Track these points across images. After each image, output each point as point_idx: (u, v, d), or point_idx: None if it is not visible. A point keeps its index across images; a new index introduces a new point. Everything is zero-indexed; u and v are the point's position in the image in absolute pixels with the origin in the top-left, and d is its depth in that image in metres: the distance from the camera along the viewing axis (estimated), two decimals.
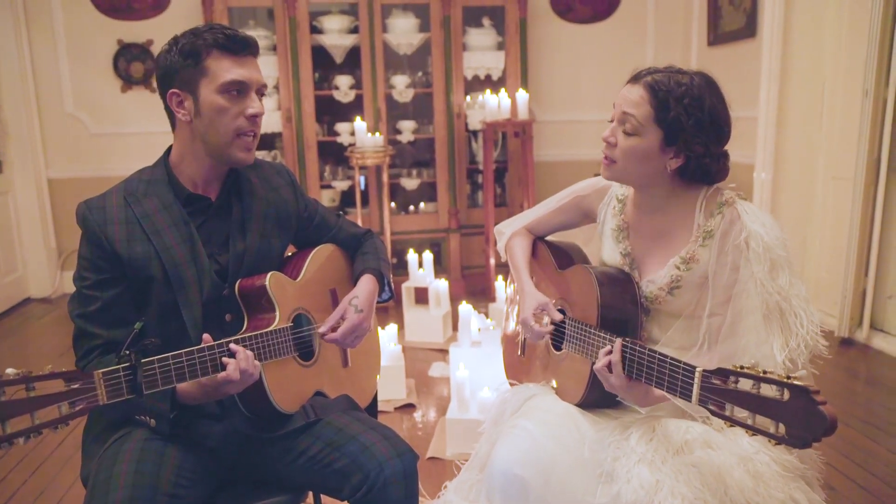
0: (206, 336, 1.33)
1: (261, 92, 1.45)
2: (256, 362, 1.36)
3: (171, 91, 1.41)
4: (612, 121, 1.46)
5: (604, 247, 1.65)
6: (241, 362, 1.32)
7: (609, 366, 1.36)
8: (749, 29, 4.26)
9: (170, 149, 1.50)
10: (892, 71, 3.40)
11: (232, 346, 1.34)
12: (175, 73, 1.40)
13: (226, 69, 1.39)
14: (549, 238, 1.84)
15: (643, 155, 1.42)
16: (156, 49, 4.79)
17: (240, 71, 1.40)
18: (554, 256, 1.76)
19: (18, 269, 4.83)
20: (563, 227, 1.80)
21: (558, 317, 1.60)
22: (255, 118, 1.42)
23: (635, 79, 1.44)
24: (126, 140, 4.88)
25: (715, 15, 4.67)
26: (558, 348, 1.63)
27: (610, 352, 1.37)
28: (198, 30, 1.41)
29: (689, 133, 1.39)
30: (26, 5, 4.69)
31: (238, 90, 1.40)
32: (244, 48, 1.41)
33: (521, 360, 1.82)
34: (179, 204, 1.45)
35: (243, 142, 1.43)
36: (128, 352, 1.20)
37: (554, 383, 1.63)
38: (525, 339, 1.80)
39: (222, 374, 1.31)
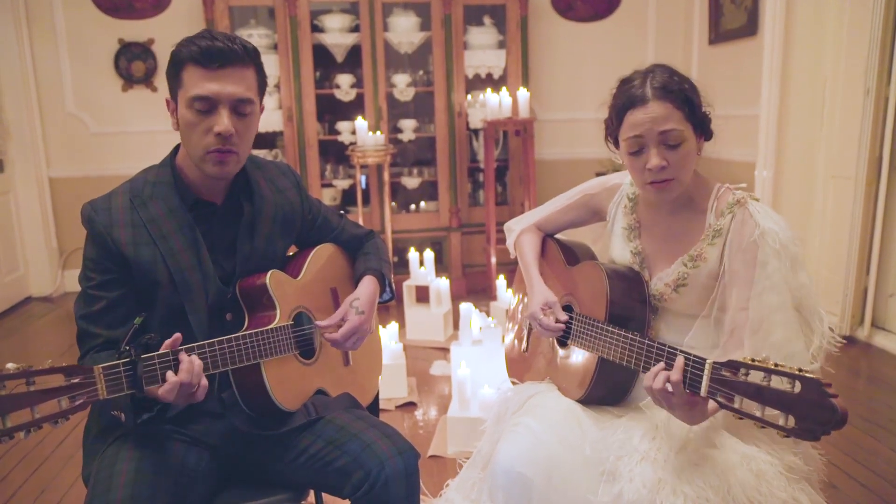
0: (176, 335, 1.27)
1: (238, 108, 1.37)
2: (202, 374, 1.28)
3: (167, 97, 1.43)
4: (636, 151, 1.40)
5: (613, 245, 1.65)
6: (182, 375, 1.25)
7: (669, 384, 1.22)
8: (750, 27, 4.25)
9: (177, 148, 1.49)
10: (893, 69, 3.40)
11: (181, 355, 1.26)
12: (167, 80, 1.42)
13: (194, 83, 1.34)
14: (558, 236, 1.85)
15: (692, 154, 1.42)
16: (157, 48, 4.80)
17: (210, 86, 1.33)
18: (563, 253, 1.76)
19: (20, 268, 4.83)
20: (573, 225, 1.81)
21: (564, 317, 1.60)
22: (221, 136, 1.35)
23: (641, 100, 1.38)
24: (127, 139, 4.88)
25: (716, 13, 4.66)
26: (563, 344, 1.63)
27: (664, 368, 1.25)
28: (187, 38, 1.38)
29: (698, 107, 1.41)
30: (27, 5, 4.69)
31: (204, 109, 1.34)
32: (219, 60, 1.33)
33: (523, 357, 1.82)
34: (185, 208, 1.44)
35: (213, 157, 1.37)
36: (128, 347, 1.20)
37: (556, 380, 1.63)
38: (528, 335, 1.80)
39: (160, 391, 1.24)
